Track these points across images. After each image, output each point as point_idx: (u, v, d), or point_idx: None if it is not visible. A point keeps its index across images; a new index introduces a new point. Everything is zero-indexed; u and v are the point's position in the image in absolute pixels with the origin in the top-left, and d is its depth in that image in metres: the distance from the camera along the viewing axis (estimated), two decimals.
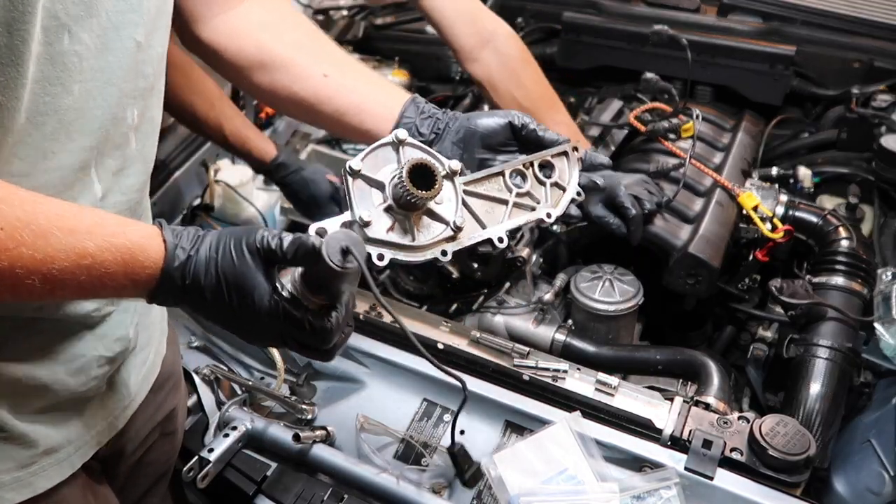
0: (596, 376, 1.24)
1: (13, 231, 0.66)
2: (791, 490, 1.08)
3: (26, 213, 0.67)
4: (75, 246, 0.70)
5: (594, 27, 2.27)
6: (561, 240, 1.70)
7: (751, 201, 1.69)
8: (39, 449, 0.88)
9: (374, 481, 1.13)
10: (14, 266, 0.66)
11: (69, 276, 0.70)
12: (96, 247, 0.71)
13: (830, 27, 2.14)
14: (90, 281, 0.72)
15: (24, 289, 0.68)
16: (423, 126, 1.11)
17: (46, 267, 0.68)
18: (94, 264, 0.71)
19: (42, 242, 0.67)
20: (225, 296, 0.78)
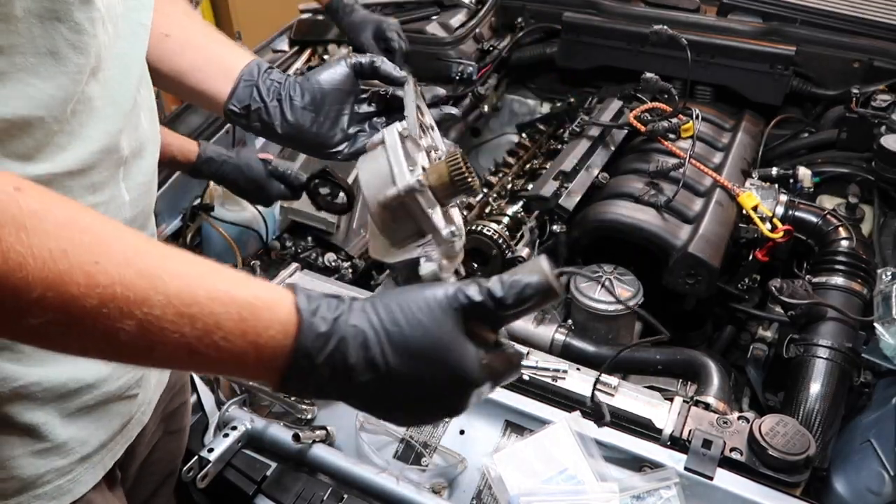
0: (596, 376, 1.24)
1: (111, 267, 0.56)
2: (791, 490, 1.08)
3: (126, 253, 0.57)
4: (181, 290, 0.58)
5: (594, 27, 2.27)
6: (561, 240, 1.70)
7: (750, 201, 1.69)
8: (78, 455, 0.87)
9: (373, 481, 1.13)
10: (104, 304, 0.55)
11: (171, 327, 0.57)
12: (206, 294, 0.59)
13: (830, 27, 2.14)
14: (197, 336, 0.58)
15: (116, 338, 0.56)
16: (264, 91, 1.04)
17: (142, 310, 0.56)
18: (201, 314, 0.58)
19: (143, 284, 0.57)
20: (413, 375, 0.64)
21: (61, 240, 0.55)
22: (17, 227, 0.53)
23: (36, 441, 0.81)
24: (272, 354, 0.62)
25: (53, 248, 0.54)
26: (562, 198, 1.68)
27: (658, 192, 1.70)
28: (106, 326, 0.56)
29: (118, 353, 0.59)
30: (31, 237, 0.53)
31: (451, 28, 2.36)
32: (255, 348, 0.61)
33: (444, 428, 1.23)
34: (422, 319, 0.64)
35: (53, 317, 0.54)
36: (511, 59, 2.45)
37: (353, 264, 1.79)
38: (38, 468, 0.83)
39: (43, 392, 0.79)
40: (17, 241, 0.52)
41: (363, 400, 0.67)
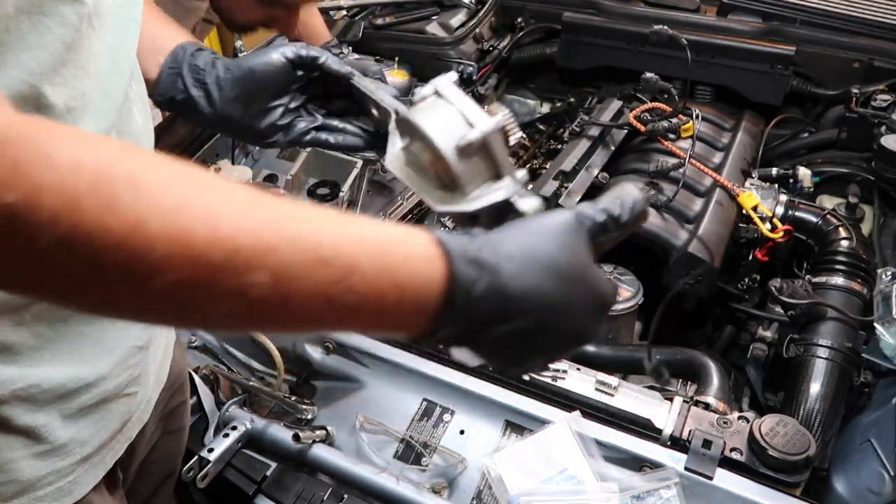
0: (596, 376, 1.24)
1: (231, 218, 0.51)
2: (791, 490, 1.08)
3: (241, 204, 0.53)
4: (308, 234, 0.53)
5: (594, 27, 2.27)
6: None
7: (750, 201, 1.69)
8: (78, 456, 0.86)
9: (374, 481, 1.13)
10: (231, 257, 0.50)
11: (304, 274, 0.52)
12: (335, 236, 0.54)
13: (830, 27, 2.14)
14: (333, 281, 0.53)
15: (247, 294, 0.51)
16: (189, 80, 0.96)
17: (272, 259, 0.51)
18: (334, 256, 0.53)
19: (267, 231, 0.52)
20: (564, 298, 0.61)
21: (176, 195, 0.51)
22: (131, 185, 0.49)
23: (36, 443, 0.81)
24: (417, 291, 0.56)
25: (169, 204, 0.50)
26: (562, 198, 1.68)
27: (658, 192, 1.70)
28: (235, 283, 0.51)
29: (251, 314, 0.54)
30: (146, 194, 0.50)
31: (451, 28, 2.36)
32: (396, 287, 0.55)
33: (444, 428, 1.23)
34: (563, 241, 0.62)
35: (180, 276, 0.50)
36: (511, 59, 2.45)
37: None
38: (38, 470, 0.82)
39: (42, 393, 0.79)
40: (134, 199, 0.49)
41: (515, 339, 0.61)
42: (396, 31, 2.37)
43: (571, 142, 1.91)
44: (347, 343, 1.33)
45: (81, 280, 0.49)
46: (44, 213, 0.45)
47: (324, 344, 1.36)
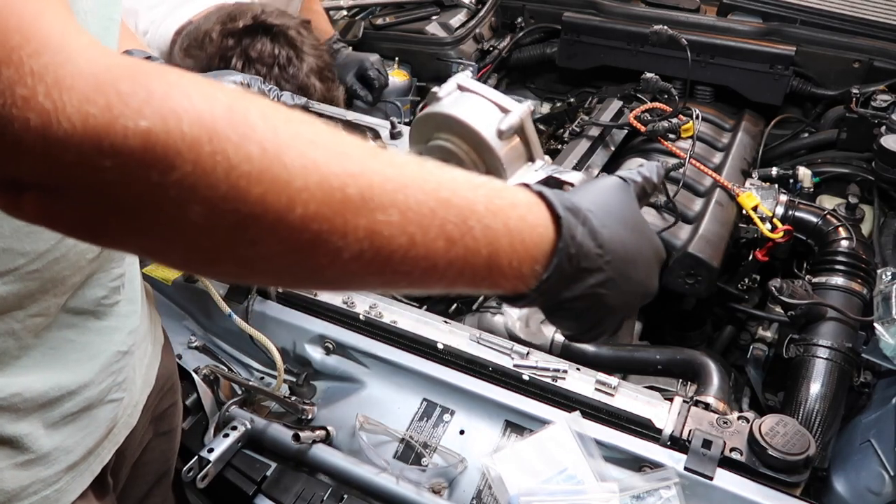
0: (596, 376, 1.24)
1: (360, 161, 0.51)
2: (791, 490, 1.08)
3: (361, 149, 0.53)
4: (427, 175, 0.53)
5: (594, 27, 2.27)
6: None
7: (750, 201, 1.69)
8: (64, 464, 0.85)
9: (373, 481, 1.13)
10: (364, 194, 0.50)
11: (428, 213, 0.52)
12: (449, 178, 0.55)
13: (830, 27, 2.14)
14: (455, 223, 0.53)
15: (381, 233, 0.51)
16: None
17: (402, 194, 0.51)
18: (454, 197, 0.53)
19: (393, 171, 0.52)
20: (636, 248, 0.67)
21: (307, 132, 0.50)
22: (264, 115, 0.48)
23: (19, 453, 0.79)
24: (527, 236, 0.58)
25: (304, 137, 0.49)
26: None
27: (658, 192, 1.69)
28: (368, 219, 0.50)
29: (378, 256, 0.52)
30: (282, 127, 0.49)
31: (451, 28, 2.36)
32: (508, 231, 0.56)
33: (444, 428, 1.23)
34: (623, 198, 0.68)
35: (316, 210, 0.48)
36: (511, 59, 2.45)
37: None
38: (21, 480, 0.81)
39: (24, 402, 0.78)
40: (269, 129, 0.48)
41: (602, 290, 0.64)
42: (396, 31, 2.38)
43: (571, 142, 1.91)
44: (347, 343, 1.33)
45: (217, 215, 0.46)
46: (184, 141, 0.44)
47: (324, 344, 1.36)
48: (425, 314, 1.39)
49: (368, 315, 1.36)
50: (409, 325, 1.34)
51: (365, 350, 1.32)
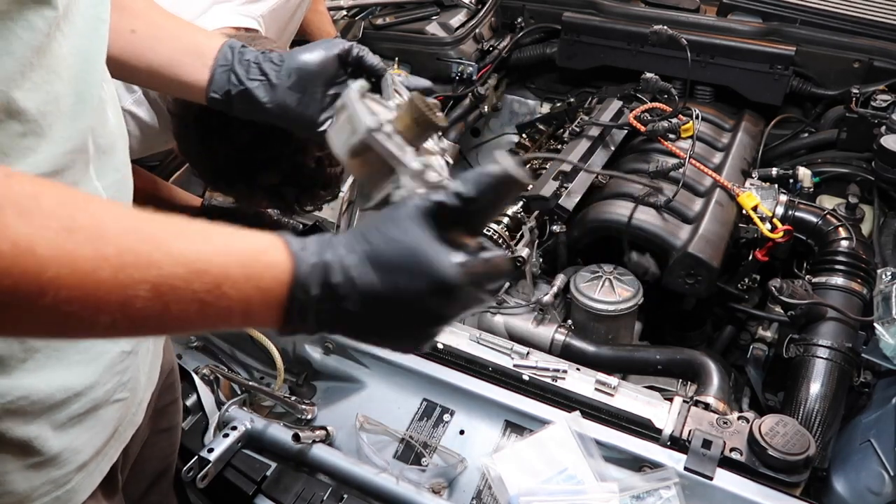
0: (596, 376, 1.24)
1: (116, 237, 0.57)
2: (791, 490, 1.08)
3: (124, 224, 0.59)
4: (185, 249, 0.60)
5: (594, 27, 2.27)
6: (560, 240, 1.70)
7: (750, 201, 1.69)
8: (74, 465, 0.86)
9: (373, 481, 1.13)
10: (117, 273, 0.56)
11: (182, 285, 0.58)
12: (213, 249, 0.61)
13: (830, 27, 2.14)
14: (207, 289, 0.59)
15: (133, 305, 0.57)
16: (242, 72, 1.01)
17: (153, 272, 0.57)
18: (209, 267, 0.60)
19: (148, 247, 0.58)
20: (390, 287, 0.64)
21: (63, 218, 0.55)
22: (19, 210, 0.53)
23: (29, 455, 0.80)
24: (275, 294, 0.63)
25: (57, 227, 0.55)
26: (562, 198, 1.68)
27: (658, 192, 1.70)
28: (121, 296, 0.56)
29: (133, 323, 0.59)
30: (34, 219, 0.54)
31: (451, 28, 2.36)
32: (260, 291, 0.62)
33: (444, 428, 1.23)
34: (393, 232, 0.66)
35: (68, 295, 0.55)
36: (511, 59, 2.45)
37: None
38: (32, 482, 0.81)
39: (31, 405, 0.78)
40: (23, 224, 0.53)
41: (359, 325, 0.68)
42: (396, 31, 2.37)
43: (571, 142, 1.91)
44: (347, 343, 1.33)
45: None
46: None
47: (324, 344, 1.36)
48: None
49: None
50: None
51: (365, 350, 1.32)
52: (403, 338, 0.72)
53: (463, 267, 0.65)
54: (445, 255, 0.65)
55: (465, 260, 0.66)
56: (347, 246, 0.66)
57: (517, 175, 0.66)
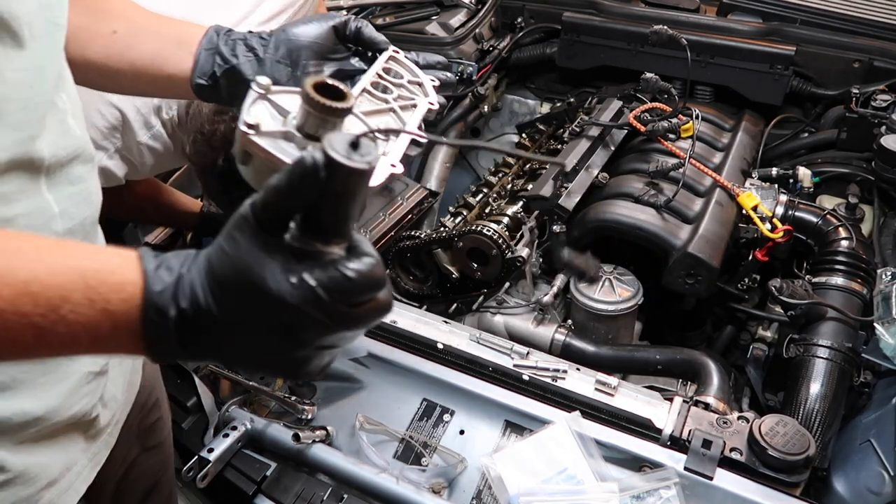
0: (596, 376, 1.24)
1: None
2: (791, 490, 1.08)
3: None
4: (16, 268, 0.54)
5: (594, 27, 2.27)
6: (560, 240, 1.70)
7: (750, 201, 1.69)
8: (42, 483, 0.83)
9: (373, 481, 1.13)
10: None
11: (7, 307, 0.53)
12: (47, 269, 0.54)
13: (830, 27, 2.14)
14: (42, 314, 0.54)
15: None
16: (227, 51, 0.94)
17: None
18: (42, 289, 0.54)
19: None
20: (226, 310, 0.56)
21: None
22: None
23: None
24: (127, 318, 0.56)
25: None
26: (562, 198, 1.68)
27: (658, 192, 1.70)
28: None
29: None
30: None
31: (451, 28, 2.36)
32: (108, 316, 0.56)
33: (444, 428, 1.23)
34: (227, 245, 0.56)
35: None
36: (511, 59, 2.45)
37: None
38: (2, 500, 0.78)
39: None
40: None
41: (221, 352, 0.59)
42: (396, 31, 2.37)
43: (571, 142, 1.91)
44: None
45: None
46: None
47: None
48: (425, 314, 1.40)
49: None
50: (409, 325, 1.34)
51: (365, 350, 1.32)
52: (273, 366, 0.62)
53: (300, 286, 0.54)
54: (275, 271, 0.54)
55: (303, 277, 0.53)
56: (198, 262, 0.57)
57: (311, 159, 0.53)
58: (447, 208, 1.98)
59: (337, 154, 0.53)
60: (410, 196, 2.05)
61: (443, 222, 1.88)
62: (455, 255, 1.69)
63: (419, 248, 1.75)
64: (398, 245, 1.80)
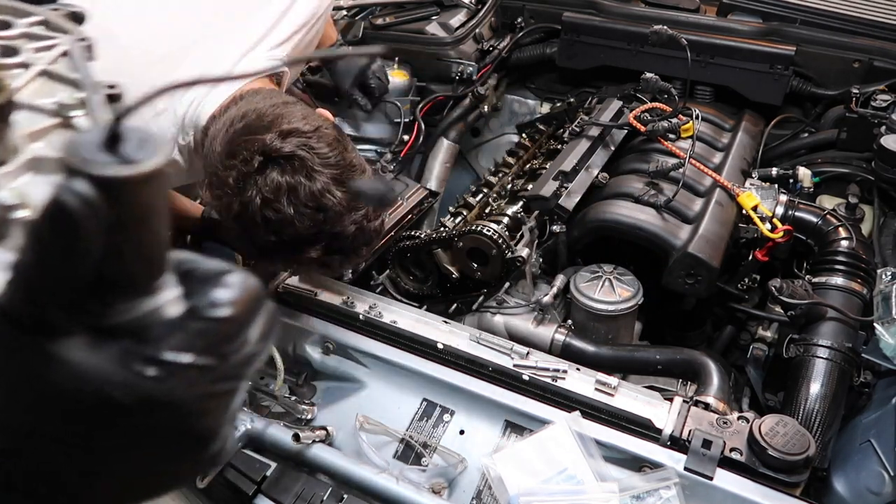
0: (596, 376, 1.24)
1: None
2: (791, 490, 1.08)
3: None
4: None
5: (594, 27, 2.27)
6: (560, 240, 1.71)
7: (750, 201, 1.69)
8: None
9: (373, 481, 1.13)
10: None
11: None
12: None
13: (830, 27, 2.14)
14: None
15: None
16: None
17: None
18: None
19: None
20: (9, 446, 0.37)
21: None
22: None
23: None
24: None
25: None
26: (562, 198, 1.68)
27: (658, 192, 1.70)
28: None
29: None
30: None
31: (451, 28, 2.36)
32: None
33: (444, 428, 1.23)
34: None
35: None
36: (511, 59, 2.45)
37: None
38: None
39: None
40: None
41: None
42: (396, 31, 2.37)
43: (571, 142, 1.91)
44: (347, 343, 1.33)
45: None
46: None
47: (324, 344, 1.36)
48: (425, 314, 1.40)
49: (368, 315, 1.36)
50: (409, 325, 1.34)
51: (365, 350, 1.32)
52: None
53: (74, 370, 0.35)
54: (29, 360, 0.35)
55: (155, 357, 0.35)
56: None
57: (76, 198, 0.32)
58: (447, 208, 1.98)
59: (100, 168, 0.33)
60: (410, 196, 2.05)
61: (443, 222, 1.88)
62: (455, 255, 1.69)
63: (419, 248, 1.75)
64: (398, 245, 1.80)
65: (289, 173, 1.16)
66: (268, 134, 1.18)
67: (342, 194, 1.18)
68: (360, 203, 1.21)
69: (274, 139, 1.17)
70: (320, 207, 1.17)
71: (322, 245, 1.22)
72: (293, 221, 1.16)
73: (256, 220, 1.17)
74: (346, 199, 1.18)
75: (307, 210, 1.16)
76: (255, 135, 1.19)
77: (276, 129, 1.18)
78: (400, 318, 1.35)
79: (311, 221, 1.17)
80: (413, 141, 2.20)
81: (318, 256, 1.22)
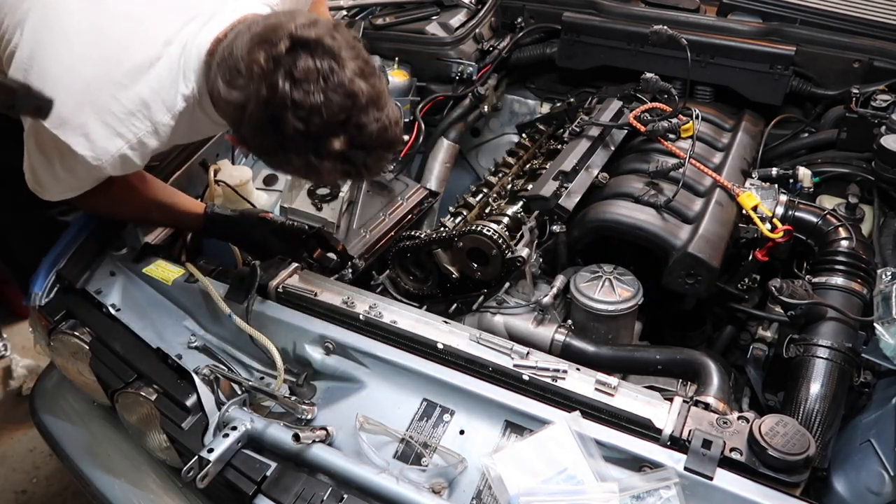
0: (595, 376, 1.24)
1: None
2: (791, 490, 1.08)
3: None
4: None
5: (594, 27, 2.28)
6: (560, 240, 1.71)
7: (750, 201, 1.69)
8: None
9: (373, 481, 1.13)
10: None
11: None
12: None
13: (830, 27, 2.14)
14: None
15: None
16: None
17: None
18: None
19: None
20: None
21: None
22: None
23: None
24: None
25: None
26: (562, 198, 1.68)
27: (658, 192, 1.70)
28: None
29: None
30: None
31: (451, 28, 2.36)
32: None
33: (444, 428, 1.23)
34: None
35: None
36: (511, 59, 2.45)
37: (353, 264, 1.80)
38: None
39: None
40: None
41: None
42: (396, 31, 2.38)
43: (571, 142, 1.91)
44: (347, 343, 1.33)
45: None
46: None
47: (324, 344, 1.36)
48: (425, 314, 1.40)
49: (368, 315, 1.36)
50: (409, 325, 1.34)
51: (365, 350, 1.32)
52: None
53: None
54: None
55: None
56: None
57: None
58: (447, 208, 1.98)
59: None
60: (410, 196, 2.05)
61: (443, 222, 1.88)
62: (455, 255, 1.69)
63: (419, 248, 1.75)
64: (398, 245, 1.80)
65: (319, 56, 1.16)
66: (292, 23, 1.19)
67: (367, 85, 1.18)
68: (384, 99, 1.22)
69: (301, 27, 1.18)
70: (349, 94, 1.17)
71: (347, 136, 1.21)
72: (321, 109, 1.16)
73: (286, 103, 1.16)
74: (371, 91, 1.19)
75: (336, 96, 1.16)
76: (280, 26, 1.19)
77: (300, 19, 1.19)
78: (400, 318, 1.36)
79: (338, 108, 1.17)
80: (413, 141, 2.20)
81: (342, 149, 1.22)
